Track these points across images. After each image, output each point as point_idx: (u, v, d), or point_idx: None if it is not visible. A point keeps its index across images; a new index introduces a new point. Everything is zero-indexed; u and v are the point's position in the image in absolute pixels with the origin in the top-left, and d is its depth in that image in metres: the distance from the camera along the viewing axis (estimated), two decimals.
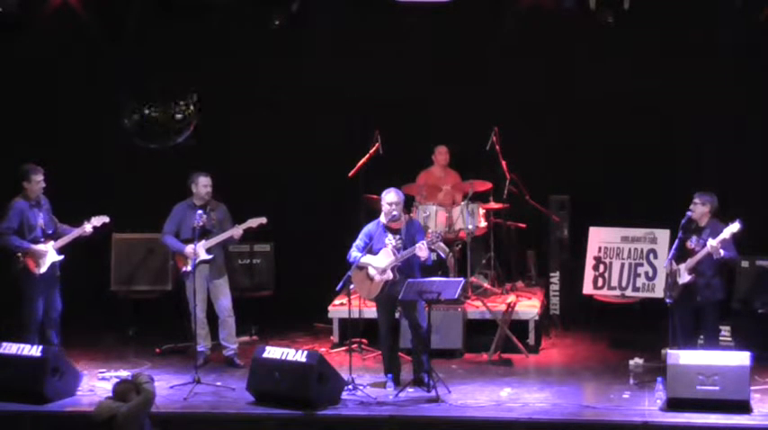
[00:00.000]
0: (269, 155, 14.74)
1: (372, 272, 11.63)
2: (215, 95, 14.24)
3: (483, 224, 13.89)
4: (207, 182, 12.58)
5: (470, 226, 13.71)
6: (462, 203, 13.81)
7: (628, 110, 14.32)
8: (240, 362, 12.58)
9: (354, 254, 11.67)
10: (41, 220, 12.25)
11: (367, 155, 13.62)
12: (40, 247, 12.18)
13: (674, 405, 10.87)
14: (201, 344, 12.60)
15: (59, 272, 12.36)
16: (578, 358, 13.12)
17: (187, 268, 12.42)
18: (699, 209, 11.70)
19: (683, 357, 10.96)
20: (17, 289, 12.20)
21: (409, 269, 11.61)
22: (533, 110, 14.51)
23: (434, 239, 11.74)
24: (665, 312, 11.83)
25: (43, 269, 12.17)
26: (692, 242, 11.67)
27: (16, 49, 14.65)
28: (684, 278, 11.62)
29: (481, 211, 13.86)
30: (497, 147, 13.84)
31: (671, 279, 11.76)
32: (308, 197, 14.83)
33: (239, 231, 12.49)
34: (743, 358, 10.91)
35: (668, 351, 11.16)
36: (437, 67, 14.66)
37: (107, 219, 12.45)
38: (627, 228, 13.74)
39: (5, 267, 12.25)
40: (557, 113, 14.55)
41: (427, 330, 11.55)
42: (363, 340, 12.99)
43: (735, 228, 11.36)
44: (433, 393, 11.35)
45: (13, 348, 11.51)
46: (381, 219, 11.76)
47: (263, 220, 12.54)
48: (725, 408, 10.71)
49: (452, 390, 11.52)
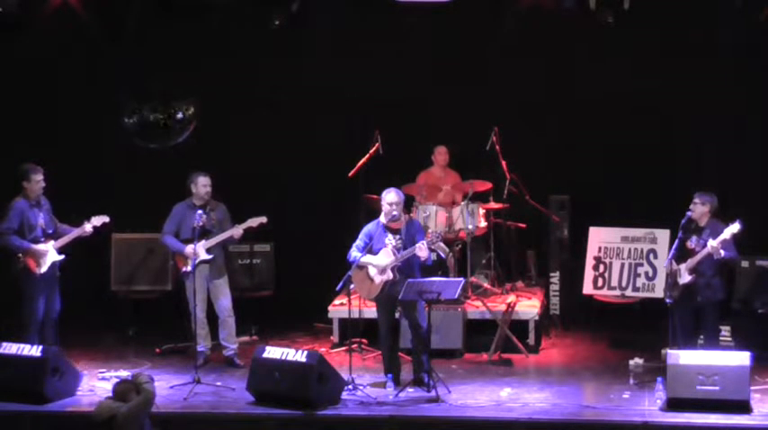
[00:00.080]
0: (269, 155, 14.74)
1: (372, 272, 11.63)
2: (215, 95, 14.24)
3: (483, 224, 13.89)
4: (206, 182, 12.58)
5: (470, 226, 13.71)
6: (462, 203, 13.81)
7: (628, 110, 14.31)
8: (240, 362, 12.57)
9: (354, 254, 11.67)
10: (42, 220, 12.24)
11: (367, 155, 13.61)
12: (40, 247, 12.16)
13: (674, 405, 10.86)
14: (201, 344, 12.60)
15: (59, 272, 12.37)
16: (578, 358, 13.12)
17: (187, 268, 12.42)
18: (699, 209, 11.70)
19: (683, 357, 10.95)
20: (17, 289, 12.18)
21: (409, 269, 11.60)
22: (533, 110, 14.51)
23: (434, 239, 11.73)
24: (665, 312, 11.83)
25: (44, 269, 12.16)
26: (693, 242, 11.67)
27: (16, 49, 14.64)
28: (685, 278, 11.61)
29: (481, 211, 13.86)
30: (497, 147, 13.83)
31: (671, 279, 11.76)
32: (308, 197, 14.82)
33: (239, 231, 12.48)
34: (743, 358, 10.91)
35: (668, 351, 11.16)
36: (437, 67, 14.66)
37: (107, 218, 12.43)
38: (627, 228, 13.73)
39: (5, 267, 12.23)
40: (557, 113, 14.54)
41: (427, 330, 11.55)
42: (363, 340, 12.98)
43: (735, 228, 11.35)
44: (433, 393, 11.34)
45: (13, 348, 11.50)
46: (381, 219, 11.75)
47: (263, 220, 12.53)
48: (725, 408, 10.70)
49: (452, 390, 11.51)
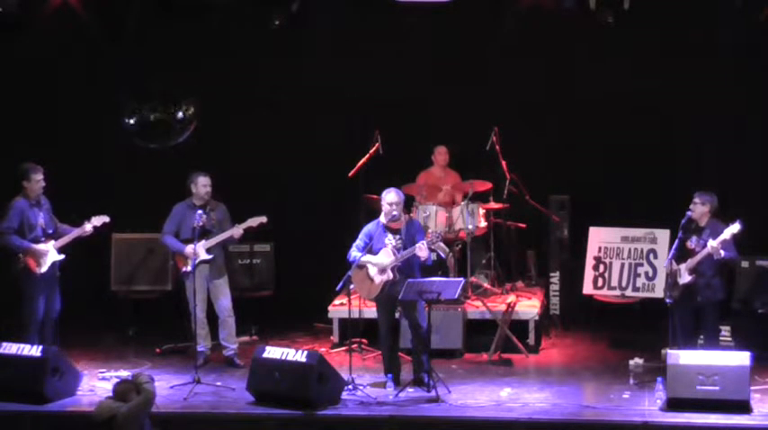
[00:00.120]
0: (269, 155, 14.73)
1: (372, 271, 11.62)
2: (215, 95, 14.24)
3: (483, 224, 13.89)
4: (206, 182, 12.58)
5: (470, 226, 13.71)
6: (462, 203, 13.81)
7: (628, 110, 14.31)
8: (240, 362, 12.57)
9: (354, 253, 11.66)
10: (42, 220, 12.23)
11: (367, 155, 13.61)
12: (40, 247, 12.15)
13: (674, 405, 10.86)
14: (201, 344, 12.60)
15: (59, 271, 12.36)
16: (578, 358, 13.11)
17: (187, 268, 12.41)
18: (699, 209, 11.69)
19: (683, 357, 10.95)
20: (17, 288, 12.18)
21: (409, 269, 11.60)
22: (533, 110, 14.50)
23: (434, 239, 11.73)
24: (665, 312, 11.83)
25: (44, 268, 12.15)
26: (693, 242, 11.67)
27: (16, 49, 14.64)
28: (685, 278, 11.61)
29: (481, 211, 13.85)
30: (497, 147, 13.83)
31: (671, 279, 11.76)
32: (308, 197, 14.82)
33: (239, 231, 12.48)
34: (743, 358, 10.90)
35: (668, 351, 11.15)
36: (437, 67, 14.65)
37: (107, 218, 12.43)
38: (627, 228, 13.73)
39: (5, 267, 12.23)
40: (557, 113, 14.54)
41: (427, 330, 11.55)
42: (363, 340, 12.98)
43: (735, 228, 11.35)
44: (433, 393, 11.34)
45: (13, 348, 11.50)
46: (381, 219, 11.75)
47: (263, 219, 12.53)
48: (725, 408, 10.70)
49: (452, 390, 11.51)
